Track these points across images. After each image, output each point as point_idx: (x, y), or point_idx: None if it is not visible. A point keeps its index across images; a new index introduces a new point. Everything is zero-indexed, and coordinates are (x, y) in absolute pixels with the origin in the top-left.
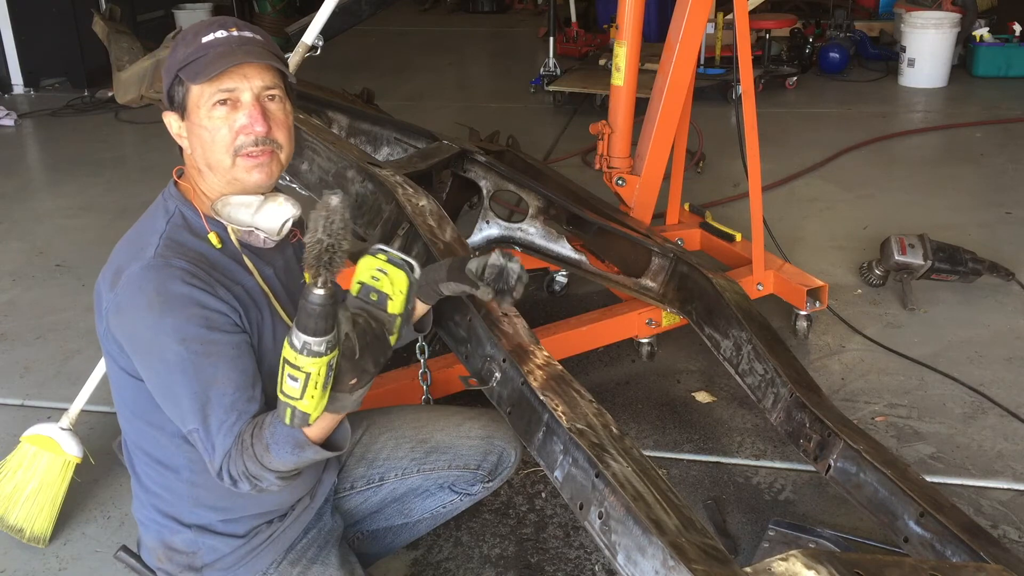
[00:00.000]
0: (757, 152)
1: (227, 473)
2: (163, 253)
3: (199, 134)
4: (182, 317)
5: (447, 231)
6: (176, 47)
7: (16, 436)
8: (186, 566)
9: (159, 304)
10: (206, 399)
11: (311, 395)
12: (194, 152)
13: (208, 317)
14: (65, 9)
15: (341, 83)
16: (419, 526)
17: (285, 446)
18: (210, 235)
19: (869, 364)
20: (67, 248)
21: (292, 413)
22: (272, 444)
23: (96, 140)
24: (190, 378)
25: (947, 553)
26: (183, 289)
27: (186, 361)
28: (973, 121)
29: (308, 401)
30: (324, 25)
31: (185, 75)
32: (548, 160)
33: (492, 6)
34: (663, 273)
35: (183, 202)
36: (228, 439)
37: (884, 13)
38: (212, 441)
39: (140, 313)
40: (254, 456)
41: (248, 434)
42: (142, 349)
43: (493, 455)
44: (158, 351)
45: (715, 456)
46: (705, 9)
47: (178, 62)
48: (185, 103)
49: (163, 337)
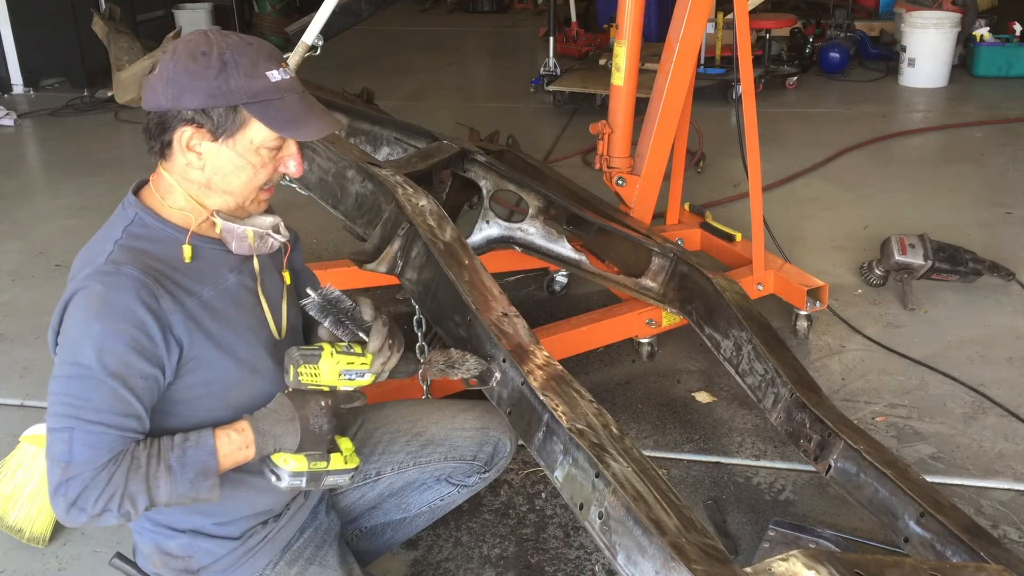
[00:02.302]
0: (757, 152)
1: (79, 486)
2: (116, 259)
3: (232, 162)
4: (111, 328)
5: (447, 231)
6: (227, 70)
7: (16, 436)
8: (182, 570)
9: (96, 307)
10: (96, 410)
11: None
12: (209, 172)
13: (136, 338)
14: (65, 9)
15: (341, 83)
16: (417, 520)
17: (189, 472)
18: (184, 247)
19: (869, 364)
20: (67, 248)
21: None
22: (176, 467)
23: (96, 140)
24: (89, 387)
25: (947, 553)
26: (125, 300)
27: (95, 371)
28: (973, 121)
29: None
30: (324, 25)
31: (255, 112)
32: (548, 160)
33: (492, 6)
34: (663, 273)
35: (144, 209)
36: (97, 455)
37: (884, 13)
38: (74, 450)
39: (75, 312)
40: (145, 476)
41: (143, 453)
42: (64, 343)
43: (488, 446)
44: (76, 351)
45: (715, 456)
46: (705, 9)
47: (241, 92)
48: (234, 132)
49: (85, 340)
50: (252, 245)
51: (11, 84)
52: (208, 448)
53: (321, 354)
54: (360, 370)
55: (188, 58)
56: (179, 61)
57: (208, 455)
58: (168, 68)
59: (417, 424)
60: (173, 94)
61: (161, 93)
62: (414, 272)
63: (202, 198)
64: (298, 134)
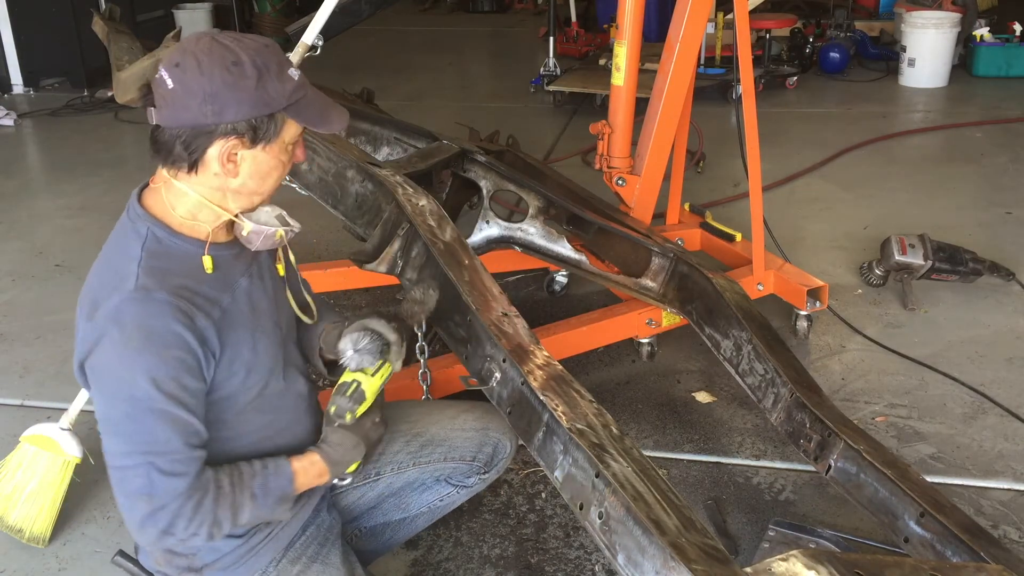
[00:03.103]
0: (757, 152)
1: (169, 516)
2: (144, 284)
3: (269, 164)
4: (159, 358)
5: (447, 231)
6: (263, 78)
7: (16, 436)
8: (186, 568)
9: (138, 340)
10: (166, 439)
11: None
12: (244, 177)
13: (183, 360)
14: (65, 9)
15: (341, 83)
16: (417, 521)
17: (270, 498)
18: (205, 258)
19: (869, 364)
20: (67, 248)
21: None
22: (259, 494)
23: (96, 140)
24: (155, 418)
25: (947, 553)
26: (164, 326)
27: (155, 401)
28: (973, 121)
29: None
30: (324, 25)
31: (291, 113)
32: (548, 160)
33: (492, 6)
34: (663, 273)
35: (154, 222)
36: (180, 484)
37: (884, 13)
38: (155, 481)
39: (116, 348)
40: (231, 508)
41: (227, 481)
42: (110, 381)
43: (488, 446)
44: (128, 387)
45: (715, 456)
46: (705, 9)
47: (281, 97)
48: (273, 137)
49: (136, 375)
50: (279, 240)
51: (11, 84)
52: (287, 476)
53: (363, 390)
54: (388, 375)
55: (223, 71)
56: (213, 75)
57: (287, 482)
58: (201, 83)
59: (417, 424)
60: (215, 109)
61: (198, 110)
62: (414, 272)
63: (225, 203)
64: (329, 127)
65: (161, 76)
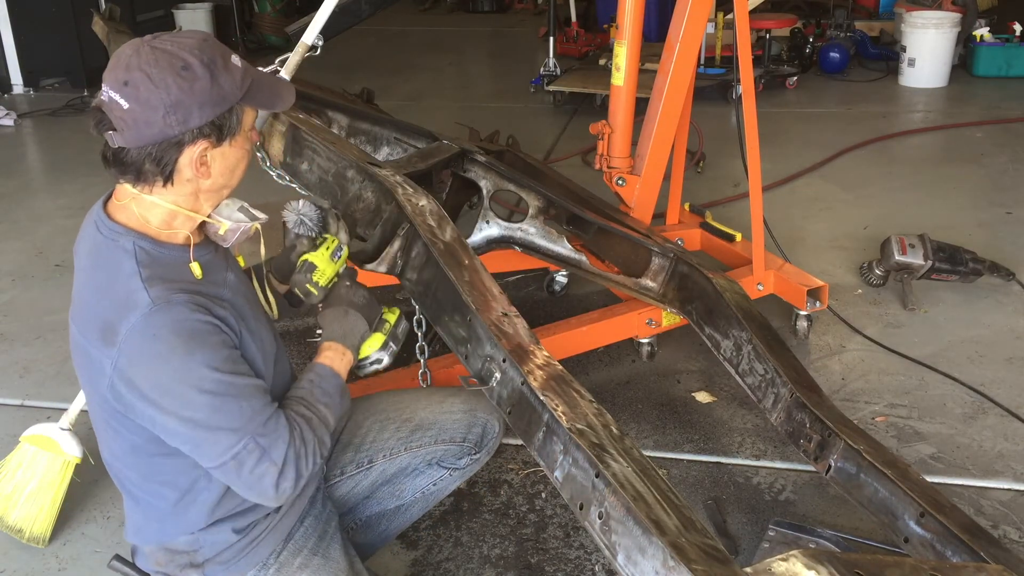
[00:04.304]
0: (757, 152)
1: (292, 468)
2: (158, 295)
3: (236, 156)
4: (207, 348)
5: (447, 231)
6: (214, 75)
7: (16, 436)
8: (187, 564)
9: (182, 343)
10: (252, 411)
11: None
12: (216, 175)
13: (225, 341)
14: (65, 9)
15: (341, 83)
16: (412, 509)
17: (335, 396)
18: (192, 265)
19: (869, 364)
20: (67, 248)
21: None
22: (329, 402)
23: (96, 140)
24: (234, 398)
25: (947, 553)
26: (195, 319)
27: (224, 384)
28: (973, 121)
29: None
30: (324, 25)
31: (247, 102)
32: (548, 160)
33: (492, 6)
34: (663, 273)
35: (137, 236)
36: (283, 435)
37: (884, 13)
38: (266, 447)
39: (162, 360)
40: (321, 422)
41: (300, 412)
42: (171, 393)
43: (477, 427)
44: (194, 387)
45: (715, 456)
46: (705, 9)
47: (235, 89)
48: (237, 129)
49: (196, 373)
50: (254, 233)
51: (11, 84)
52: (330, 373)
53: (312, 261)
54: (337, 248)
55: (175, 77)
56: (168, 84)
57: (334, 376)
58: (159, 95)
59: (405, 410)
60: (179, 119)
61: (162, 123)
62: (414, 272)
63: (197, 205)
64: (283, 104)
65: (111, 98)
